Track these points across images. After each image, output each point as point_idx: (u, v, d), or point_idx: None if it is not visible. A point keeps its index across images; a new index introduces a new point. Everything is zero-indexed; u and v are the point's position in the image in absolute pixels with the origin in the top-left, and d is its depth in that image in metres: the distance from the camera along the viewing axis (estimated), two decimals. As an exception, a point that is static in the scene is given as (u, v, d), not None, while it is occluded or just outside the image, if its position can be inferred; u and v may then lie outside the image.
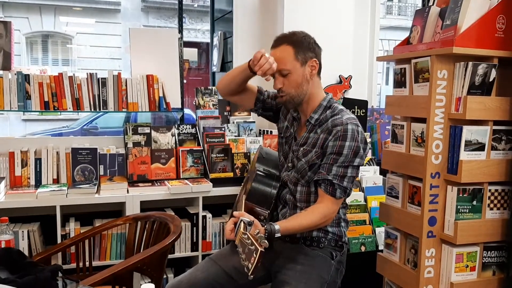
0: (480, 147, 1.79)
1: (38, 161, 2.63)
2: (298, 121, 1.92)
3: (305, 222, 1.72)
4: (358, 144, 1.74)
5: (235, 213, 1.68)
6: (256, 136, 3.07)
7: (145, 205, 2.58)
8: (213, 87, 3.19)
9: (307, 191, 1.84)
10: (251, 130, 3.10)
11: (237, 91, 2.00)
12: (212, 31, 4.05)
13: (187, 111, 5.54)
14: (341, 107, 1.85)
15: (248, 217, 1.62)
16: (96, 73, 2.80)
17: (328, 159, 1.75)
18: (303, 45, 1.78)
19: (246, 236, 1.49)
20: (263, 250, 1.41)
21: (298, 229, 1.75)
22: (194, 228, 2.74)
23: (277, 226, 1.65)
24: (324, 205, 1.75)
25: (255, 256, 1.41)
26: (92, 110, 2.80)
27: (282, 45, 1.79)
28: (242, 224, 1.57)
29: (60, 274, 1.58)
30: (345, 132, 1.73)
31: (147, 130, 2.85)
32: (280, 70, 1.78)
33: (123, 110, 2.84)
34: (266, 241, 1.45)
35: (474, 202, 1.81)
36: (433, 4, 1.97)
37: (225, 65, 3.77)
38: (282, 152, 1.97)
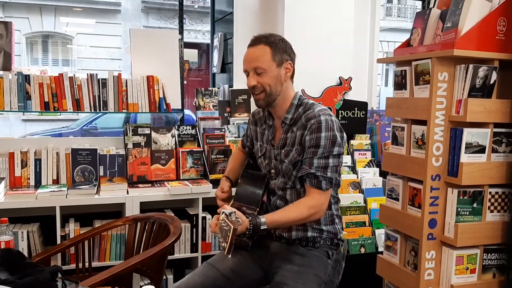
0: (481, 149, 1.78)
1: (38, 161, 2.63)
2: (272, 128, 1.93)
3: (293, 214, 1.74)
4: (334, 133, 1.75)
5: (219, 206, 1.70)
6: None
7: (145, 206, 2.58)
8: (213, 88, 3.19)
9: (296, 192, 1.85)
10: (251, 131, 3.09)
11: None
12: (213, 32, 4.05)
13: (187, 112, 5.54)
14: (312, 101, 1.87)
15: (229, 209, 1.64)
16: (96, 74, 2.80)
17: (308, 153, 1.76)
18: (280, 47, 1.81)
19: (224, 223, 1.56)
20: (236, 227, 1.51)
21: (286, 221, 1.76)
22: (194, 229, 2.74)
23: (263, 218, 1.67)
24: (311, 198, 1.76)
25: (229, 234, 1.50)
26: (92, 110, 2.80)
27: (260, 44, 1.81)
28: (223, 215, 1.61)
29: (59, 275, 1.58)
30: (319, 123, 1.75)
31: (147, 131, 2.85)
32: (255, 68, 1.79)
33: (123, 111, 2.84)
34: (240, 220, 1.56)
35: (475, 205, 1.81)
36: (433, 7, 1.97)
37: (225, 66, 3.77)
38: (264, 168, 1.97)
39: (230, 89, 3.25)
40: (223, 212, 1.62)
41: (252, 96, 1.88)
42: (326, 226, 1.86)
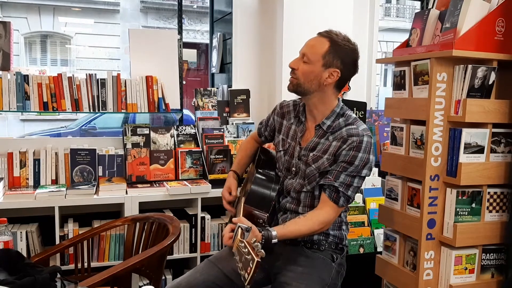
0: (479, 149, 1.79)
1: (36, 161, 2.63)
2: (303, 126, 1.89)
3: (303, 229, 1.72)
4: (369, 157, 1.74)
5: (234, 219, 1.67)
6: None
7: (144, 206, 2.58)
8: (212, 88, 3.19)
9: (311, 196, 1.83)
10: (250, 131, 3.10)
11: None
12: (211, 32, 4.05)
13: (186, 112, 5.54)
14: (354, 115, 1.83)
15: (246, 223, 1.60)
16: (95, 74, 2.80)
17: (338, 166, 1.74)
18: (338, 52, 1.74)
19: (243, 244, 1.47)
20: (259, 260, 1.39)
21: (296, 235, 1.74)
22: (193, 229, 2.74)
23: (274, 232, 1.64)
24: (324, 212, 1.74)
25: (251, 266, 1.39)
26: (91, 111, 2.79)
27: (325, 38, 1.76)
28: (239, 230, 1.56)
29: (58, 275, 1.58)
30: (360, 143, 1.73)
31: (146, 131, 2.85)
32: (304, 53, 1.77)
33: (122, 111, 2.84)
34: (262, 250, 1.43)
35: (473, 205, 1.81)
36: (432, 7, 1.97)
37: (224, 66, 3.77)
38: (282, 164, 1.93)
39: (229, 89, 3.25)
40: (239, 227, 1.58)
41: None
42: (334, 231, 1.85)
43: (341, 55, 1.74)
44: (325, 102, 1.81)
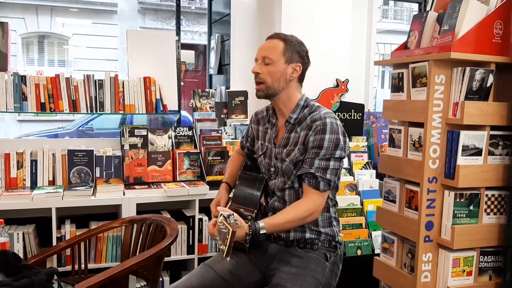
0: (477, 152, 1.79)
1: (34, 162, 2.62)
2: (275, 127, 1.94)
3: (290, 217, 1.73)
4: (338, 137, 1.76)
5: (217, 208, 1.71)
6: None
7: (141, 208, 2.57)
8: (210, 90, 3.19)
9: (295, 193, 1.85)
10: (248, 133, 3.10)
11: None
12: (210, 33, 4.05)
13: (183, 113, 5.54)
14: (317, 104, 1.89)
15: (228, 211, 1.64)
16: (93, 75, 2.79)
17: (310, 153, 1.77)
18: (294, 47, 1.84)
19: (223, 226, 1.56)
20: (235, 230, 1.50)
21: (285, 224, 1.75)
22: (190, 231, 2.73)
23: (261, 223, 1.67)
24: (308, 199, 1.76)
25: (228, 237, 1.50)
26: (89, 112, 2.79)
27: (276, 39, 1.85)
28: (221, 217, 1.61)
29: (55, 277, 1.57)
30: (324, 125, 1.76)
31: (144, 132, 2.84)
32: (264, 56, 1.83)
33: (120, 112, 2.84)
34: (238, 223, 1.55)
35: (471, 207, 1.82)
36: (430, 9, 1.98)
37: (222, 67, 3.77)
38: (264, 167, 1.97)
39: (227, 90, 3.25)
40: (221, 214, 1.61)
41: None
42: (324, 228, 1.86)
43: (296, 49, 1.84)
44: (290, 98, 1.87)
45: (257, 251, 1.89)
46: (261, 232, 1.66)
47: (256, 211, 1.81)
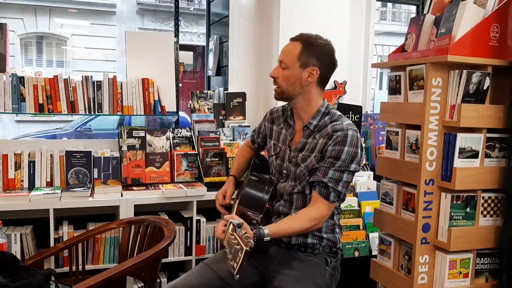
0: (474, 154, 1.80)
1: (31, 163, 2.62)
2: (292, 129, 1.92)
3: (295, 226, 1.73)
4: (356, 150, 1.75)
5: (225, 216, 1.69)
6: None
7: (139, 209, 2.57)
8: (209, 91, 3.20)
9: (302, 197, 1.84)
10: (246, 134, 3.10)
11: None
12: (208, 35, 4.06)
13: (182, 114, 5.53)
14: (339, 113, 1.87)
15: (237, 220, 1.62)
16: (91, 76, 2.79)
17: (326, 163, 1.76)
18: (312, 51, 1.78)
19: (233, 237, 1.51)
20: (248, 249, 1.43)
21: (289, 233, 1.75)
22: (188, 232, 2.73)
23: (266, 230, 1.65)
24: (316, 208, 1.75)
25: (240, 255, 1.43)
26: (87, 113, 2.79)
27: (297, 41, 1.82)
28: (231, 226, 1.58)
29: (53, 278, 1.57)
30: (345, 137, 1.74)
31: (142, 134, 2.84)
32: (281, 61, 1.82)
33: (118, 113, 2.84)
34: (251, 240, 1.48)
35: (468, 209, 1.82)
36: (428, 12, 1.99)
37: (220, 69, 3.77)
38: (274, 168, 1.96)
39: (225, 92, 3.26)
40: (230, 223, 1.59)
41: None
42: (327, 234, 1.86)
43: (315, 52, 1.78)
44: (310, 103, 1.85)
45: (258, 253, 1.88)
46: (265, 239, 1.64)
47: (261, 216, 1.81)
